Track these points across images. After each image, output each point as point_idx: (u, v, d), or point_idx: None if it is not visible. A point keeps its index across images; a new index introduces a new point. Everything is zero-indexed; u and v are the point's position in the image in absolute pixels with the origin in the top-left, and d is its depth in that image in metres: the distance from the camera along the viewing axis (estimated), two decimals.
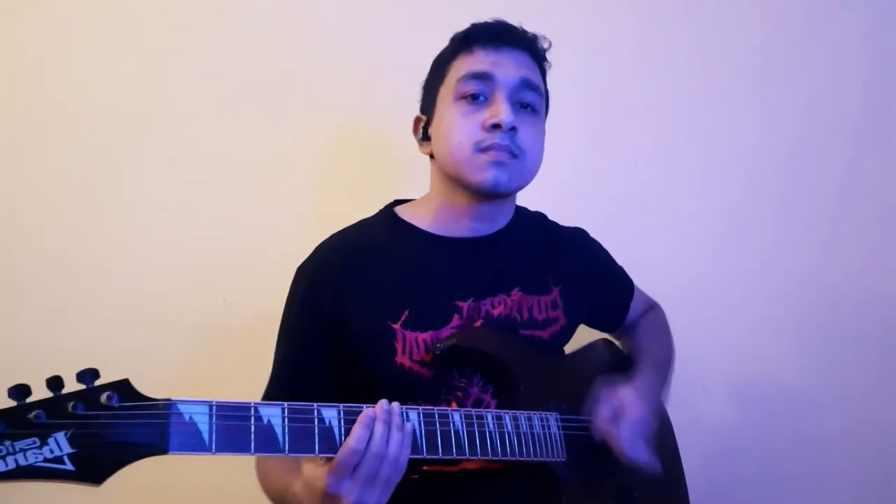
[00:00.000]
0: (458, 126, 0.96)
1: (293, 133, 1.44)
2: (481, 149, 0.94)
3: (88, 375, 0.62)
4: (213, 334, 1.42)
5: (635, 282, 1.24)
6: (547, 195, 1.17)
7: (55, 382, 0.60)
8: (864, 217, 1.53)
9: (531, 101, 0.98)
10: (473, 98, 0.96)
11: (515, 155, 0.95)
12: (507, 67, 0.96)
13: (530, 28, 1.03)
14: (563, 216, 1.18)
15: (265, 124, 1.43)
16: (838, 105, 1.51)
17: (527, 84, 0.97)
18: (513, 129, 0.94)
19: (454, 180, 0.98)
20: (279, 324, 1.02)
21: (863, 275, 1.53)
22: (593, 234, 1.20)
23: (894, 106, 1.51)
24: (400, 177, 1.39)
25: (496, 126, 0.93)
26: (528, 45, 1.00)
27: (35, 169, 1.40)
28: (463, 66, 0.97)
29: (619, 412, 0.99)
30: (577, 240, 1.16)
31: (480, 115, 0.95)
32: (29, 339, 1.38)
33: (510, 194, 1.02)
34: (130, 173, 1.41)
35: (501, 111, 0.94)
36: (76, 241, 1.40)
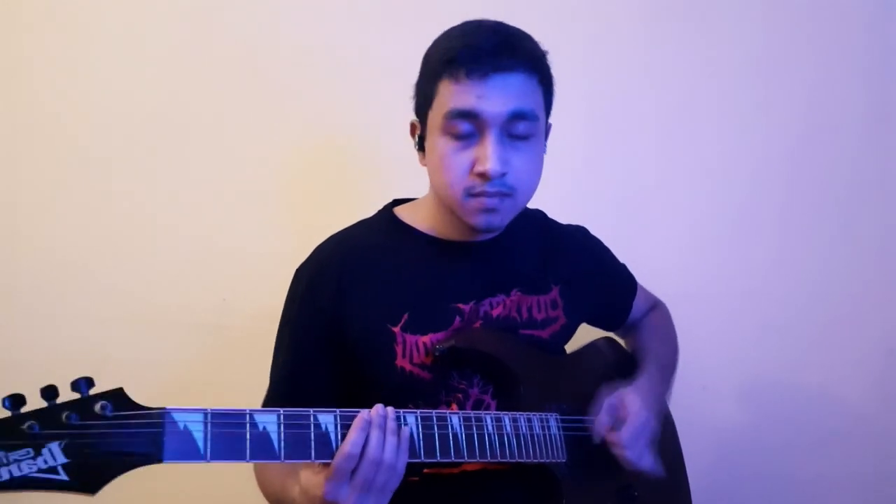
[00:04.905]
0: (447, 166, 0.91)
1: (293, 133, 1.44)
2: (472, 194, 0.91)
3: (83, 384, 0.62)
4: (213, 334, 1.42)
5: (638, 281, 1.23)
6: (550, 195, 1.15)
7: (49, 392, 0.60)
8: (866, 217, 1.52)
9: (523, 132, 0.91)
10: (462, 137, 0.90)
11: (506, 194, 0.92)
12: (495, 101, 0.88)
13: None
14: (566, 216, 1.17)
15: (265, 124, 1.43)
16: (842, 105, 1.50)
17: (518, 115, 0.89)
18: (502, 173, 0.90)
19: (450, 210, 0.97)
20: (278, 325, 1.01)
21: (864, 275, 1.52)
22: (597, 233, 1.19)
23: None
24: (400, 175, 1.39)
25: (482, 174, 0.89)
26: (521, 64, 0.90)
27: (34, 170, 1.40)
28: (449, 95, 0.90)
29: (620, 416, 0.99)
30: (578, 238, 1.15)
31: (469, 154, 0.90)
32: (30, 340, 1.39)
33: (503, 228, 0.99)
34: (130, 174, 1.42)
35: (489, 158, 0.88)
36: (76, 242, 1.41)
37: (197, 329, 1.42)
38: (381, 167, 1.43)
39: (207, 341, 1.42)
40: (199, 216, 1.43)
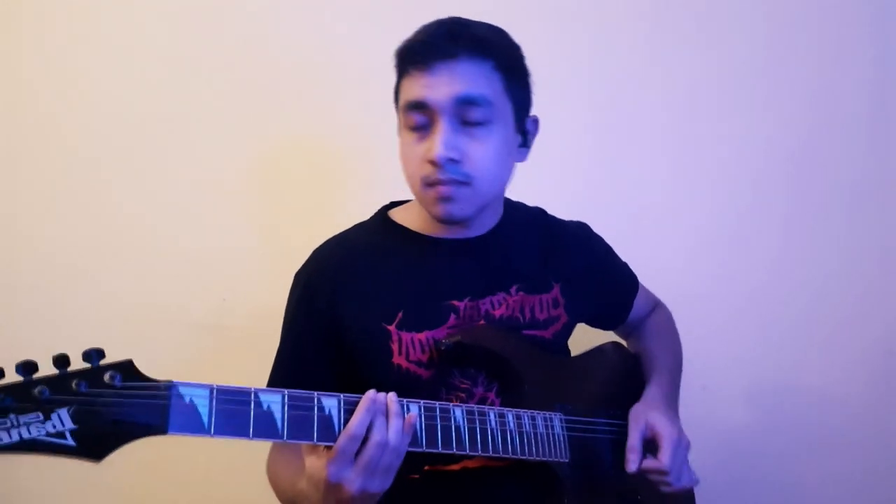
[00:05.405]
0: (407, 159, 0.95)
1: (294, 134, 1.45)
2: (427, 184, 0.92)
3: (94, 354, 0.63)
4: (213, 334, 1.42)
5: (641, 281, 1.23)
6: (555, 196, 1.17)
7: (61, 360, 0.61)
8: (867, 219, 1.52)
9: (477, 118, 0.90)
10: (416, 129, 0.92)
11: (463, 182, 0.91)
12: (440, 88, 0.89)
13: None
14: (570, 217, 1.18)
15: (265, 125, 1.44)
16: (844, 107, 1.51)
17: (467, 101, 0.89)
18: (452, 160, 0.90)
19: None
20: (280, 326, 1.02)
21: (866, 276, 1.52)
22: (600, 233, 1.19)
23: None
24: (398, 176, 1.41)
25: (431, 161, 0.90)
26: (467, 50, 0.90)
27: (35, 170, 1.41)
28: (403, 90, 0.94)
29: (652, 437, 0.99)
30: (579, 235, 1.15)
31: (423, 145, 0.92)
32: (30, 340, 1.38)
33: (470, 219, 0.98)
34: (129, 174, 1.42)
35: (435, 146, 0.89)
36: (76, 242, 1.41)
37: (197, 329, 1.42)
38: (380, 168, 1.43)
39: (207, 341, 1.42)
40: (199, 216, 1.43)
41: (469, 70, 0.90)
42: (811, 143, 1.51)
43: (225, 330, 1.42)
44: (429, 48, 0.91)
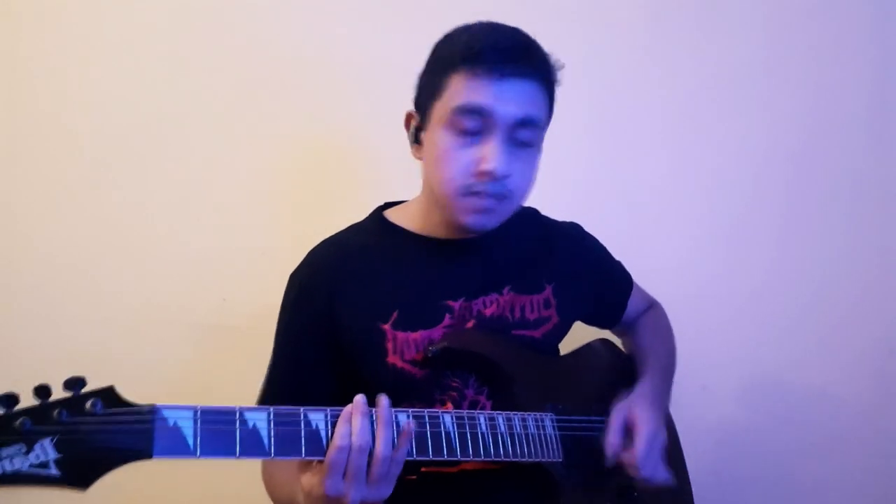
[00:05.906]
0: (449, 161, 0.91)
1: (294, 133, 1.45)
2: (471, 192, 0.91)
3: (75, 383, 0.63)
4: (213, 334, 1.43)
5: (638, 283, 1.23)
6: (553, 196, 1.17)
7: (42, 391, 0.61)
8: (866, 218, 1.52)
9: (527, 139, 0.91)
10: (466, 133, 0.90)
11: (503, 197, 0.92)
12: (509, 103, 0.88)
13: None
14: (569, 217, 1.18)
15: (265, 125, 1.44)
16: (843, 107, 1.50)
17: (526, 122, 0.90)
18: (505, 176, 0.90)
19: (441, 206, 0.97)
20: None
21: (865, 275, 1.52)
22: (599, 233, 1.19)
23: None
24: (397, 175, 1.40)
25: (487, 172, 0.89)
26: (537, 72, 0.91)
27: (33, 170, 1.41)
28: (462, 88, 0.89)
29: (630, 428, 0.99)
30: (572, 235, 1.15)
31: (473, 152, 0.90)
32: (30, 340, 1.40)
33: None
34: (129, 173, 1.42)
35: (494, 159, 0.88)
36: (76, 243, 1.41)
37: (197, 329, 1.43)
38: (381, 168, 1.44)
39: (207, 341, 1.43)
40: (199, 216, 1.43)
41: (534, 91, 0.91)
42: (811, 143, 1.50)
43: (225, 330, 1.43)
44: (506, 58, 0.88)
